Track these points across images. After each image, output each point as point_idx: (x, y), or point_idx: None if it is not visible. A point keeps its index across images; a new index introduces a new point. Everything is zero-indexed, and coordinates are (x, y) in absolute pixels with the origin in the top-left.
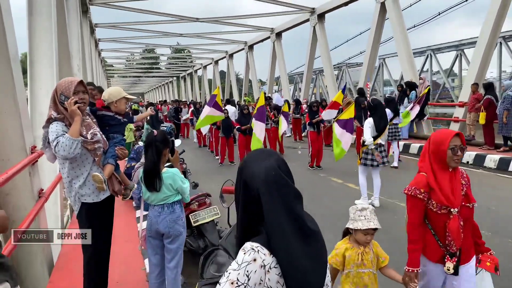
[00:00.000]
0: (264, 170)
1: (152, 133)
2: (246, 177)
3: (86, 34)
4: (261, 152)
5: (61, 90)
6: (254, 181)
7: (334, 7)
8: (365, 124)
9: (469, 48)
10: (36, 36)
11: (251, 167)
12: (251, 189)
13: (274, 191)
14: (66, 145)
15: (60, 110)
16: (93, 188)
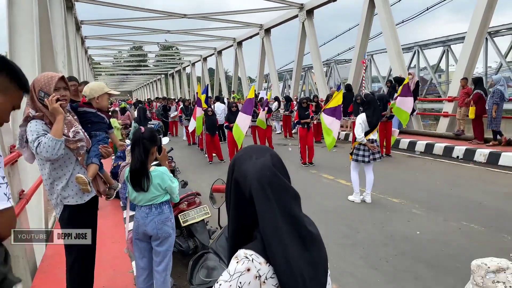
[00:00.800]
0: (258, 168)
1: (139, 130)
2: (237, 176)
3: (71, 31)
4: (254, 149)
5: (40, 86)
6: (246, 181)
7: (323, 3)
8: (357, 119)
9: (455, 44)
10: (16, 32)
11: (243, 165)
12: (243, 189)
13: (269, 192)
14: (49, 146)
15: (38, 108)
16: (77, 190)
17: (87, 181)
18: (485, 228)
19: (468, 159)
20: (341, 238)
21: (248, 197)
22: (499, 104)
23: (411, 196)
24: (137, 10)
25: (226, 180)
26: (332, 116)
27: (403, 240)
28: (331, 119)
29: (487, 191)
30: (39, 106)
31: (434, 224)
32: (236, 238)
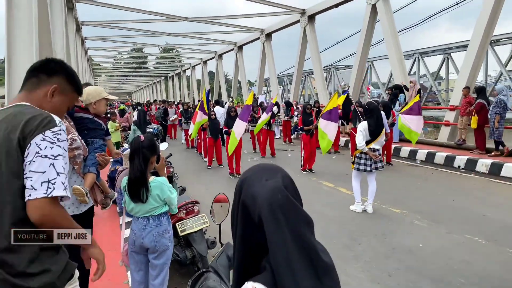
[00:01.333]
0: (269, 191)
1: (139, 138)
2: (245, 199)
3: (71, 32)
4: (264, 169)
5: None
6: (256, 204)
7: (325, 9)
8: (358, 127)
9: (456, 52)
10: (14, 32)
11: (253, 186)
12: (252, 213)
13: (281, 217)
14: None
15: None
16: (73, 199)
17: (84, 192)
18: (489, 241)
19: (470, 169)
20: (342, 249)
21: (257, 222)
22: (502, 114)
23: (413, 206)
24: (139, 12)
25: (233, 201)
26: (327, 119)
27: (406, 252)
28: (325, 122)
29: (490, 202)
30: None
31: (437, 237)
32: (242, 268)
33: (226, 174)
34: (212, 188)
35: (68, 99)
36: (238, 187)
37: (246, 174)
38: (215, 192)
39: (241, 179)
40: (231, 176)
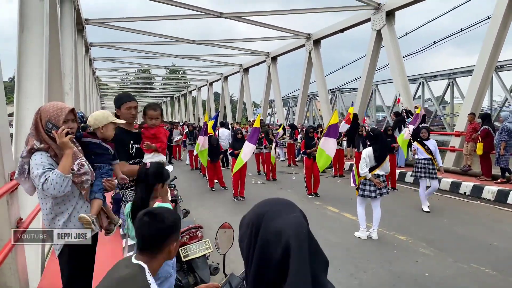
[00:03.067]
0: (294, 225)
1: (144, 165)
2: (266, 235)
3: (80, 53)
4: (280, 203)
5: (48, 117)
6: (280, 239)
7: (330, 34)
8: (363, 153)
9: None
10: (26, 53)
11: (274, 221)
12: (273, 249)
13: (306, 252)
14: (56, 183)
15: (44, 139)
16: (79, 225)
17: (90, 220)
18: (497, 272)
19: (476, 195)
20: (347, 277)
21: (279, 257)
22: (508, 141)
23: (418, 233)
24: (147, 34)
25: (246, 238)
26: (327, 136)
27: (411, 282)
28: (327, 139)
29: (497, 231)
30: (45, 137)
31: (443, 266)
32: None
33: (230, 197)
34: (215, 211)
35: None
36: (254, 223)
37: (262, 209)
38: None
39: (257, 215)
40: (235, 199)
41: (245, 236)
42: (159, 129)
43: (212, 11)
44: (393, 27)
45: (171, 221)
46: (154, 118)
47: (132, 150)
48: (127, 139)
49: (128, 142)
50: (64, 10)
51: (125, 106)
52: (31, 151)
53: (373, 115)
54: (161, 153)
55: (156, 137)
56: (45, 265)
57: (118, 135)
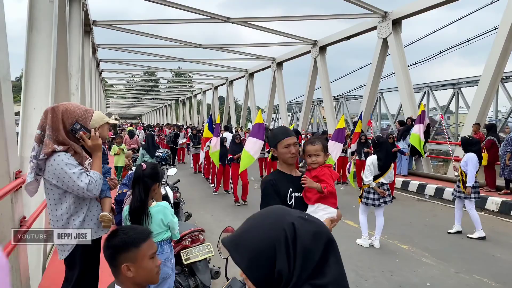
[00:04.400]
0: (323, 225)
1: (140, 167)
2: (306, 240)
3: (87, 54)
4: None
5: (75, 117)
6: (317, 241)
7: (336, 41)
8: (367, 161)
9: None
10: (34, 53)
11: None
12: (315, 252)
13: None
14: (98, 184)
15: (63, 139)
16: (92, 224)
17: (111, 218)
18: (499, 284)
19: (479, 206)
20: None
21: (317, 259)
22: None
23: (421, 243)
24: (154, 37)
25: (272, 255)
26: (335, 140)
27: None
28: (331, 142)
29: (500, 242)
30: (64, 137)
31: (445, 276)
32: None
33: (231, 202)
34: (217, 215)
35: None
36: (289, 235)
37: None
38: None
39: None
40: (236, 204)
41: (270, 257)
42: (322, 169)
43: (220, 15)
44: (399, 36)
45: (118, 241)
46: (314, 155)
47: (291, 201)
48: (285, 186)
49: (287, 190)
50: (73, 11)
51: (282, 145)
52: (51, 154)
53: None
54: (329, 206)
55: (319, 180)
56: (47, 265)
57: (273, 179)
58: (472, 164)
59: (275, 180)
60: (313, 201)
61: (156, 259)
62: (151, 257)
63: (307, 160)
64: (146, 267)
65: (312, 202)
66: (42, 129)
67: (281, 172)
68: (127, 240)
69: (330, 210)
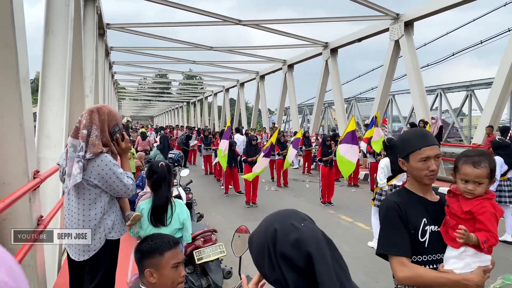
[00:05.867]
0: (312, 231)
1: (162, 166)
2: (285, 249)
3: (101, 56)
4: (289, 215)
5: (116, 121)
6: (300, 249)
7: (347, 43)
8: (380, 163)
9: (479, 89)
10: (50, 56)
11: (290, 235)
12: (297, 261)
13: (328, 258)
14: (134, 184)
15: (107, 140)
16: (119, 224)
17: (141, 216)
18: None
19: None
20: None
21: (303, 266)
22: None
23: None
24: (166, 40)
25: (265, 261)
26: (346, 143)
27: None
28: (346, 146)
29: None
30: (108, 139)
31: None
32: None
33: (242, 203)
34: (228, 216)
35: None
36: (270, 242)
37: (272, 226)
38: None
39: (269, 234)
40: (247, 205)
41: (263, 259)
42: (482, 202)
43: (231, 18)
44: (411, 38)
45: (145, 246)
46: (474, 182)
47: (424, 237)
48: (416, 214)
49: (419, 221)
50: (87, 14)
51: (418, 157)
52: (99, 154)
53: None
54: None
55: (475, 220)
56: (62, 264)
57: (400, 202)
58: None
59: (403, 204)
60: (458, 245)
61: (180, 269)
62: (174, 266)
63: (461, 186)
64: (168, 276)
65: (457, 245)
66: (88, 128)
67: (411, 193)
68: (153, 246)
69: (482, 257)
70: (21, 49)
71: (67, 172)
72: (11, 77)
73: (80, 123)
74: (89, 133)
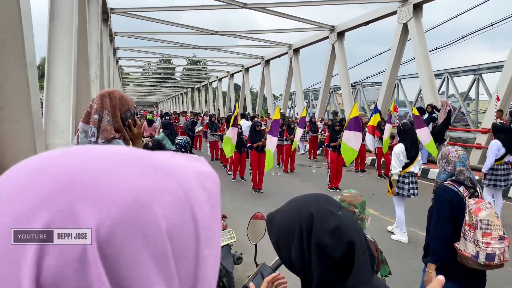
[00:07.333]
0: (351, 222)
1: (147, 145)
2: (323, 237)
3: (105, 42)
4: (325, 200)
5: (128, 105)
6: (340, 239)
7: (355, 26)
8: (395, 150)
9: (487, 73)
10: (56, 42)
11: (328, 222)
12: (333, 249)
13: (366, 249)
14: None
15: (119, 126)
16: None
17: None
18: None
19: (503, 195)
20: None
21: (340, 257)
22: None
23: None
24: (170, 24)
25: (294, 243)
26: (353, 130)
27: None
28: (349, 133)
29: None
30: (120, 125)
31: None
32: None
33: (249, 189)
34: (236, 202)
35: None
36: (304, 226)
37: (307, 209)
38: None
39: (303, 216)
40: (254, 191)
41: (290, 242)
42: None
43: (236, 1)
44: (420, 21)
45: None
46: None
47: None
48: None
49: None
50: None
51: None
52: (111, 140)
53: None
54: None
55: None
56: None
57: None
58: (491, 151)
59: None
60: None
61: None
62: None
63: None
64: None
65: None
66: (99, 113)
67: None
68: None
69: None
70: (27, 33)
71: None
72: (18, 62)
73: (91, 107)
74: (100, 118)
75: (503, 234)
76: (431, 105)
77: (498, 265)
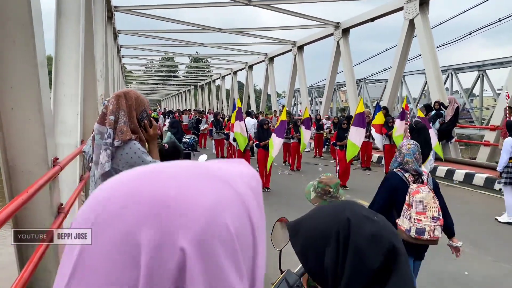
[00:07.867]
0: (390, 229)
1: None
2: (360, 242)
3: (109, 40)
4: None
5: (144, 106)
6: (378, 245)
7: (360, 23)
8: None
9: (491, 69)
10: (63, 39)
11: (365, 227)
12: (370, 256)
13: (406, 255)
14: None
15: (135, 126)
16: None
17: None
18: None
19: None
20: None
21: (379, 263)
22: None
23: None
24: (174, 22)
25: (329, 250)
26: (356, 126)
27: (451, 281)
28: (353, 129)
29: None
30: (136, 125)
31: (483, 265)
32: None
33: None
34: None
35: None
36: (342, 231)
37: (344, 214)
38: None
39: (341, 222)
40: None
41: (324, 247)
42: None
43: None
44: (427, 17)
45: None
46: None
47: None
48: None
49: None
50: None
51: None
52: (127, 142)
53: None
54: None
55: None
56: None
57: None
58: (506, 148)
59: None
60: None
61: None
62: None
63: None
64: None
65: None
66: (115, 114)
67: None
68: None
69: None
70: (37, 31)
71: (94, 160)
72: (29, 61)
73: (107, 108)
74: (116, 119)
75: (437, 216)
76: (439, 102)
77: (429, 240)
